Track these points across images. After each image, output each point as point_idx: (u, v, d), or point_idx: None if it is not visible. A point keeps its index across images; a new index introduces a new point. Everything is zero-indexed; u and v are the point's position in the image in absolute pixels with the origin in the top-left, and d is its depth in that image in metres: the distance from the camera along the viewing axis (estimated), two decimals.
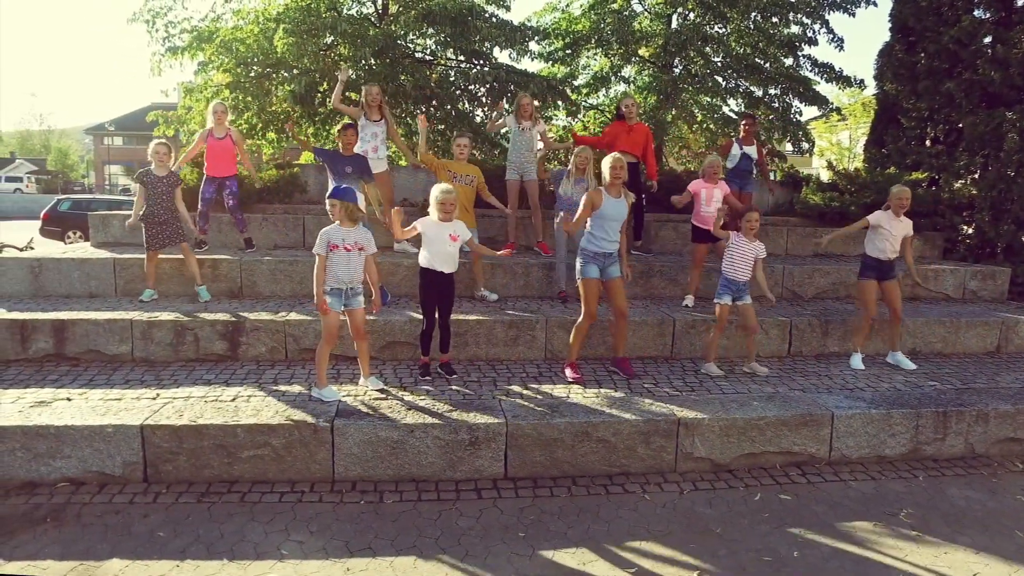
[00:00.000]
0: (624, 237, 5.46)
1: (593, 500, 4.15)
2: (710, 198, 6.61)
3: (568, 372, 5.40)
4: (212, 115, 7.33)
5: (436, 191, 5.12)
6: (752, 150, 8.04)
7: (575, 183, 6.58)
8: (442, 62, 12.32)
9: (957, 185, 9.50)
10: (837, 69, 13.15)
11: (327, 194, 4.91)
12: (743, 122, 8.34)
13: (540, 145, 7.61)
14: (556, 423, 4.42)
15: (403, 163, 10.69)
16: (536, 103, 8.69)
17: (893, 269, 6.03)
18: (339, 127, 7.11)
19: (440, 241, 5.10)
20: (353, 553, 3.48)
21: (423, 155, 6.63)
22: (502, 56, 12.49)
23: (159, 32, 11.63)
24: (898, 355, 6.14)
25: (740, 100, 13.77)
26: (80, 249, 7.69)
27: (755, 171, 8.20)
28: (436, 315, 5.25)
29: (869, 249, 6.05)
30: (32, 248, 12.84)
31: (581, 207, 5.29)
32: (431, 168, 6.64)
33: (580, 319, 5.33)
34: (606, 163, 5.30)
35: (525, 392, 5.04)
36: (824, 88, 21.39)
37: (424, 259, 5.19)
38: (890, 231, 5.94)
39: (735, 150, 8.04)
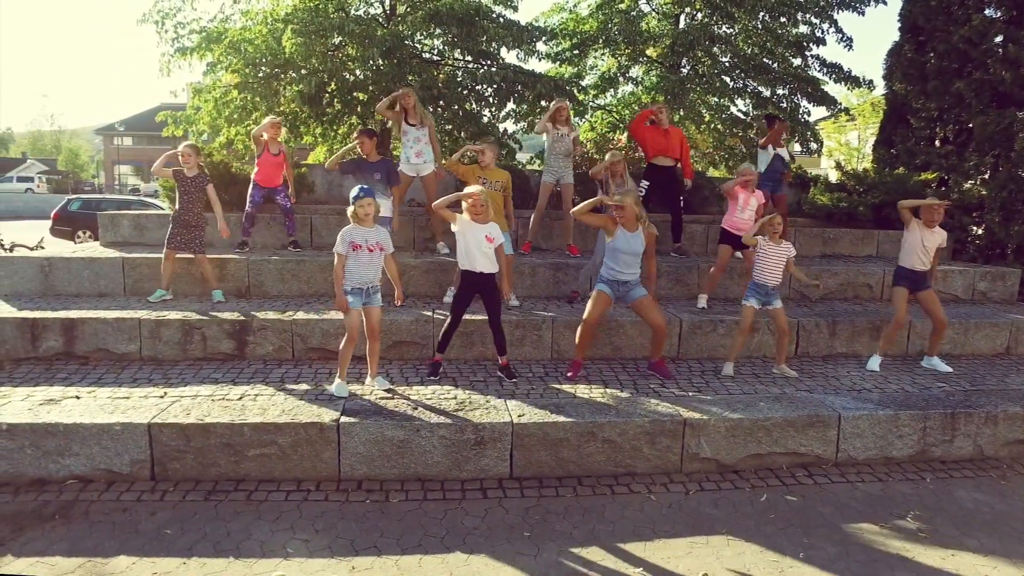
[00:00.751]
0: (651, 264, 5.51)
1: (598, 500, 4.15)
2: (746, 204, 6.58)
3: (570, 369, 5.47)
4: (270, 129, 7.38)
5: (466, 192, 5.17)
6: (785, 152, 8.00)
7: (617, 188, 6.60)
8: (449, 62, 12.34)
9: (967, 185, 9.44)
10: (846, 69, 13.10)
11: (357, 194, 4.80)
12: (776, 125, 8.22)
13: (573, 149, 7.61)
14: (562, 423, 4.42)
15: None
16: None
17: (926, 280, 6.00)
18: (355, 133, 7.12)
19: (476, 241, 5.11)
20: (358, 552, 3.49)
21: (450, 163, 6.59)
22: (509, 56, 12.52)
23: (168, 33, 11.71)
24: (934, 359, 6.12)
25: (748, 100, 13.74)
26: (90, 249, 7.75)
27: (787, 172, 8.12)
28: (462, 315, 5.28)
29: (901, 258, 6.05)
30: (42, 247, 12.94)
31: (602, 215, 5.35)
32: (458, 174, 6.61)
33: (584, 317, 5.38)
34: (626, 199, 5.35)
35: (531, 392, 5.04)
36: (833, 88, 21.31)
37: (463, 260, 5.20)
38: (922, 241, 5.91)
39: (769, 150, 8.00)
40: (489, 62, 11.94)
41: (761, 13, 12.53)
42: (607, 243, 5.36)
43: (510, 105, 12.23)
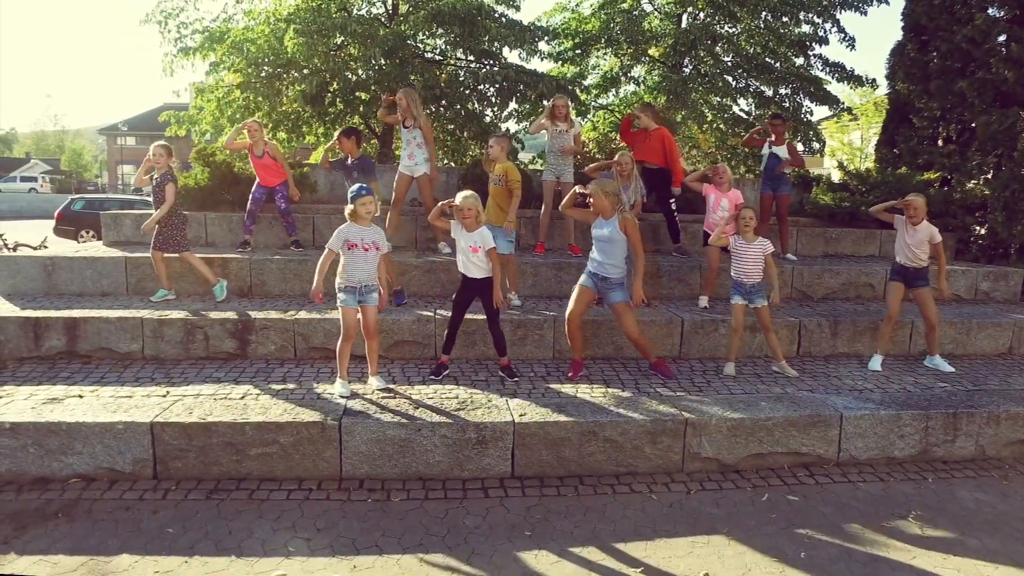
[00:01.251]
0: (637, 259, 5.28)
1: (600, 499, 4.15)
2: (717, 205, 6.58)
3: (571, 369, 5.47)
4: (247, 133, 7.38)
5: (456, 198, 5.16)
6: (782, 150, 7.88)
7: (623, 189, 6.56)
8: (451, 62, 12.36)
9: (970, 185, 9.42)
10: (848, 69, 13.09)
11: (357, 192, 4.82)
12: (772, 123, 8.20)
13: (571, 144, 7.53)
14: (563, 422, 4.42)
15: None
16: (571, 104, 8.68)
17: (920, 278, 5.95)
18: (336, 134, 7.17)
19: (464, 249, 5.16)
20: (360, 551, 3.50)
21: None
22: (511, 56, 12.54)
23: (171, 33, 11.75)
24: (936, 358, 6.11)
25: (750, 100, 13.73)
26: (92, 248, 7.77)
27: (788, 172, 8.07)
28: (460, 316, 5.29)
29: (895, 251, 6.08)
30: (46, 247, 12.97)
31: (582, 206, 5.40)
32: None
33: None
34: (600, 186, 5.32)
35: (533, 391, 5.04)
36: (835, 88, 21.26)
37: (459, 264, 5.25)
38: (905, 239, 5.91)
39: (764, 149, 7.97)
40: (491, 62, 11.95)
41: (763, 12, 12.53)
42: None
43: (512, 105, 12.25)
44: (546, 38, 12.62)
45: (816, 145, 13.65)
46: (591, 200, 5.26)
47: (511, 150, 13.10)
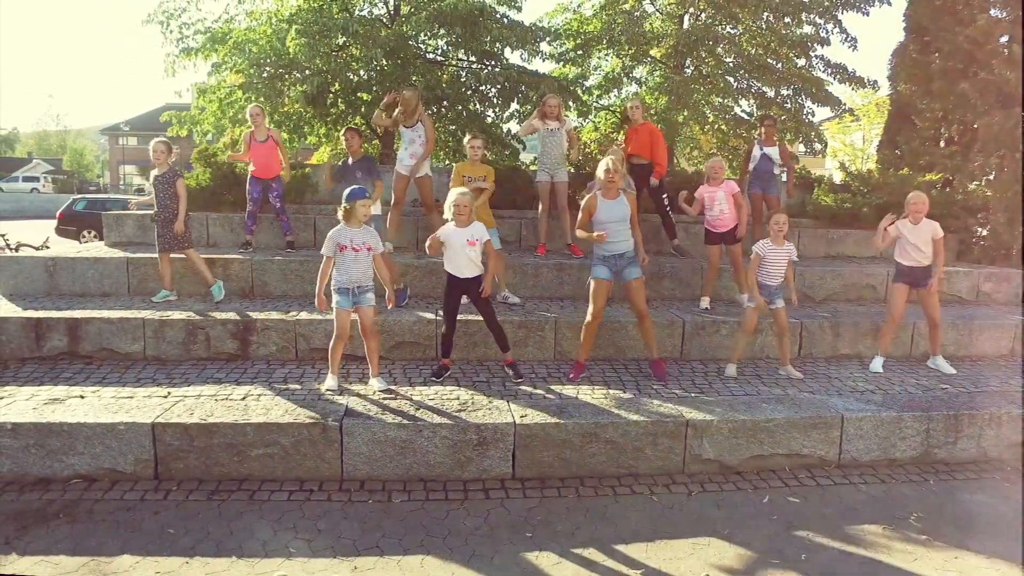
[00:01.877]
0: (637, 232, 5.45)
1: (601, 501, 4.15)
2: (712, 201, 6.59)
3: (572, 371, 5.45)
4: (249, 118, 7.34)
5: (451, 195, 5.14)
6: (773, 151, 7.88)
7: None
8: (453, 63, 12.36)
9: (972, 186, 9.41)
10: (850, 70, 13.04)
11: (357, 193, 4.84)
12: (764, 124, 8.21)
13: (566, 145, 7.52)
14: (564, 424, 4.42)
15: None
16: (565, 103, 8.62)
17: (928, 276, 5.93)
18: (342, 131, 7.14)
19: (459, 246, 5.12)
20: (361, 552, 3.50)
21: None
22: (513, 57, 12.51)
23: (173, 33, 11.76)
24: (938, 359, 6.11)
25: (752, 101, 13.71)
26: (94, 248, 7.79)
27: (780, 172, 8.07)
28: (453, 321, 5.28)
29: (896, 254, 6.04)
30: (48, 247, 12.99)
31: (580, 214, 5.37)
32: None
33: (587, 318, 5.36)
34: (600, 167, 5.35)
35: (534, 392, 5.04)
36: (837, 89, 21.24)
37: (449, 264, 5.22)
38: (908, 238, 5.90)
39: (756, 151, 7.99)
40: (493, 62, 11.95)
41: (765, 13, 12.50)
42: (593, 219, 5.33)
43: (514, 105, 12.24)
44: (548, 39, 12.61)
45: (818, 146, 13.62)
46: (613, 177, 5.24)
47: (513, 151, 13.16)
